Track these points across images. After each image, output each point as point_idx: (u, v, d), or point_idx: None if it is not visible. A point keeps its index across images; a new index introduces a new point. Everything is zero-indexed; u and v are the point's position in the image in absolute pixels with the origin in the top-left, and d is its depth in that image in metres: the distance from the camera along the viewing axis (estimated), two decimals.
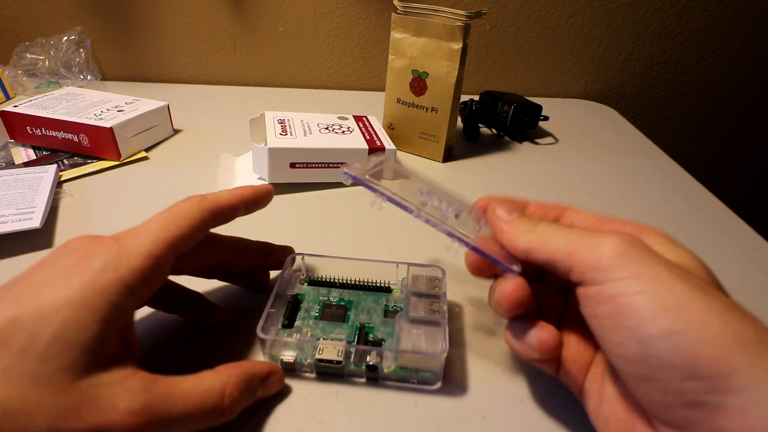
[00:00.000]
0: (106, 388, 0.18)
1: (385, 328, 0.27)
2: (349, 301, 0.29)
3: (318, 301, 0.29)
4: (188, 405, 0.20)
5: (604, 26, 0.72)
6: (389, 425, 0.23)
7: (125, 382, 0.19)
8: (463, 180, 0.49)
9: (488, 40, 0.72)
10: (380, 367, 0.25)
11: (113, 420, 0.18)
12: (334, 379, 0.26)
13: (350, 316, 0.28)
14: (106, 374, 0.18)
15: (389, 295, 0.30)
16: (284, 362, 0.25)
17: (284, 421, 0.23)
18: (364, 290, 0.30)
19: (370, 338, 0.27)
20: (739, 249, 0.39)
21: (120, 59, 0.73)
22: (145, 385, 0.19)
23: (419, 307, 0.27)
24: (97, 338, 0.18)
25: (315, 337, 0.27)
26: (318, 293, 0.30)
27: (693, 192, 0.49)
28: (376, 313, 0.28)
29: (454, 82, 0.48)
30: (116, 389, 0.18)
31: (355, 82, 0.76)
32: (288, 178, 0.44)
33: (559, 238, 0.20)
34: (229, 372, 0.22)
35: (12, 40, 0.69)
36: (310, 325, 0.27)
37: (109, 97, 0.53)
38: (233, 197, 0.25)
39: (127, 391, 0.18)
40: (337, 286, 0.30)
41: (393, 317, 0.28)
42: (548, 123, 0.63)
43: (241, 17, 0.70)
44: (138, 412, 0.18)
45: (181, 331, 0.28)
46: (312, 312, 0.28)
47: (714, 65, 0.76)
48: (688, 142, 0.83)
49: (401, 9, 0.48)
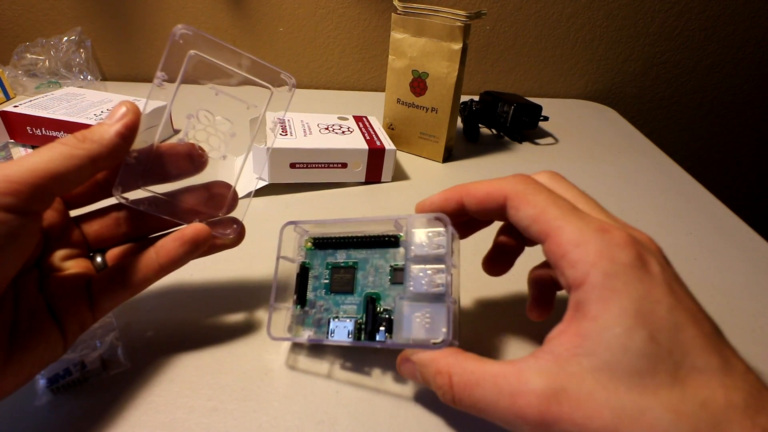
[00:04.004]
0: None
1: (394, 293, 0.26)
2: (356, 261, 0.28)
3: (326, 265, 0.28)
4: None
5: (604, 26, 0.72)
6: (389, 425, 0.23)
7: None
8: (463, 180, 0.49)
9: (488, 40, 0.72)
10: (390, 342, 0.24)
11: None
12: (351, 355, 0.27)
13: (359, 280, 0.27)
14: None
15: (397, 250, 0.27)
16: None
17: (284, 421, 0.23)
18: (370, 247, 0.28)
19: (379, 310, 0.26)
20: (739, 249, 0.39)
21: (120, 59, 0.73)
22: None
23: (420, 279, 0.24)
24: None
25: (327, 314, 0.27)
26: (325, 255, 0.29)
27: (693, 192, 0.49)
28: (384, 274, 0.27)
29: (454, 83, 0.48)
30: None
31: (355, 82, 0.76)
32: (288, 178, 0.44)
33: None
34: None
35: (12, 40, 0.69)
36: (321, 297, 0.27)
37: (109, 97, 0.53)
38: (106, 132, 0.21)
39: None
40: (343, 245, 0.29)
41: (401, 280, 0.26)
42: (548, 123, 0.63)
43: (241, 17, 0.70)
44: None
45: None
46: (322, 279, 0.28)
47: (714, 65, 0.76)
48: (688, 142, 0.83)
49: (401, 9, 0.48)
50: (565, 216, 0.20)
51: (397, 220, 0.27)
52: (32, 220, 0.19)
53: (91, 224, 0.25)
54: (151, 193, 0.24)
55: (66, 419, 0.23)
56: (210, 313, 0.30)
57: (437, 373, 0.21)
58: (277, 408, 0.24)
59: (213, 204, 0.25)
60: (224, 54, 0.23)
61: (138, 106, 0.22)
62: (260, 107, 0.25)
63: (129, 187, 0.23)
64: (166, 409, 0.23)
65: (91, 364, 0.24)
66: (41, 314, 0.21)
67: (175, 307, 0.30)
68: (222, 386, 0.25)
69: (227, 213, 0.26)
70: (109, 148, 0.21)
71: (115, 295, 0.23)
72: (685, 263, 0.37)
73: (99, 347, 0.25)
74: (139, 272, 0.23)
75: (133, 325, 0.28)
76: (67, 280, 0.22)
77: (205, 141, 0.25)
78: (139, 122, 0.22)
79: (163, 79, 0.23)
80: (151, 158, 0.24)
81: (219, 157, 0.25)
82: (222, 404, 0.24)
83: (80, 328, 0.22)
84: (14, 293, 0.20)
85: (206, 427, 0.23)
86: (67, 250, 0.23)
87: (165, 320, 0.29)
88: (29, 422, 0.23)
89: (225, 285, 0.32)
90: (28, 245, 0.20)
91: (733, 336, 0.30)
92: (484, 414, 0.20)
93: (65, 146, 0.20)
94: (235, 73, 0.24)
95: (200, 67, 0.23)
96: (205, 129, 0.25)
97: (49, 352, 0.21)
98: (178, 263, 0.24)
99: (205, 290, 0.31)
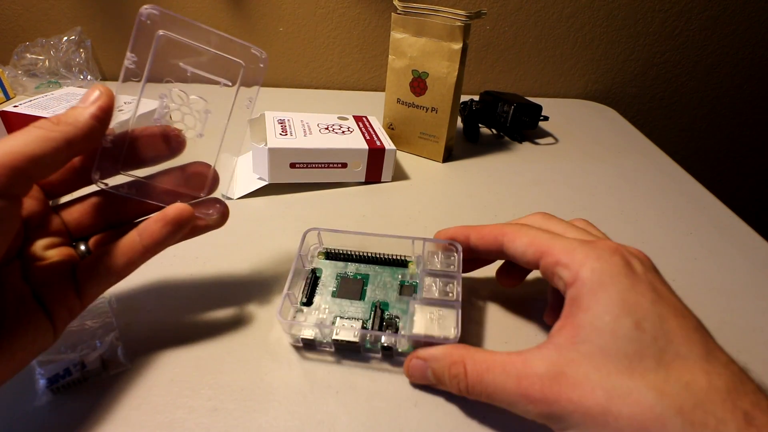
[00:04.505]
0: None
1: (400, 305, 0.28)
2: (366, 275, 0.30)
3: (336, 276, 0.30)
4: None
5: (604, 26, 0.72)
6: (389, 425, 0.23)
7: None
8: (463, 180, 0.49)
9: (488, 40, 0.72)
10: (395, 347, 0.26)
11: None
12: (352, 356, 0.27)
13: (367, 291, 0.29)
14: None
15: (405, 269, 0.30)
16: (305, 339, 0.26)
17: (284, 421, 0.23)
18: (380, 264, 0.31)
19: (386, 316, 0.27)
20: (739, 249, 0.39)
21: (120, 59, 0.72)
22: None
23: (433, 288, 0.27)
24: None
25: (333, 314, 0.27)
26: (335, 267, 0.30)
27: (693, 192, 0.49)
28: (392, 288, 0.29)
29: (454, 82, 0.48)
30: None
31: (355, 82, 0.76)
32: (288, 178, 0.44)
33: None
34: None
35: (12, 40, 0.69)
36: (328, 301, 0.28)
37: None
38: (80, 114, 0.21)
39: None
40: (354, 259, 0.31)
41: (408, 294, 0.29)
42: (548, 123, 0.63)
43: (241, 17, 0.70)
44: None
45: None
46: (330, 287, 0.29)
47: (714, 65, 0.76)
48: (688, 142, 0.83)
49: (401, 9, 0.48)
50: (554, 238, 0.24)
51: (415, 240, 0.30)
52: (12, 204, 0.19)
53: (71, 212, 0.24)
54: (131, 178, 0.24)
55: (66, 419, 0.23)
56: (210, 314, 0.30)
57: (452, 363, 0.23)
58: (277, 408, 0.24)
59: (194, 185, 0.25)
60: (193, 32, 0.23)
61: (111, 90, 0.22)
62: (233, 84, 0.25)
63: (108, 173, 0.23)
64: (166, 409, 0.23)
65: (91, 364, 0.24)
66: (28, 302, 0.21)
67: (176, 307, 0.30)
68: (222, 386, 0.25)
69: (209, 193, 0.26)
70: (84, 131, 0.21)
71: (102, 280, 0.23)
72: (685, 263, 0.37)
73: (99, 347, 0.25)
74: (124, 256, 0.23)
75: (133, 325, 0.28)
76: (51, 267, 0.22)
77: (180, 120, 0.25)
78: (113, 105, 0.22)
79: (133, 60, 0.22)
80: (127, 142, 0.23)
81: (196, 136, 0.25)
82: (222, 404, 0.24)
83: (69, 315, 0.22)
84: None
85: (206, 427, 0.23)
86: (48, 239, 0.23)
87: (165, 320, 0.29)
88: (29, 422, 0.23)
89: (225, 285, 0.32)
90: (9, 230, 0.19)
91: (733, 336, 0.30)
92: (494, 398, 0.22)
93: (41, 129, 0.20)
94: (205, 51, 0.24)
95: (170, 46, 0.23)
96: (179, 108, 0.25)
97: (40, 340, 0.21)
98: (162, 245, 0.24)
99: (206, 290, 0.31)
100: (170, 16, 0.23)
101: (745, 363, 0.28)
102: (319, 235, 0.31)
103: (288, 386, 0.25)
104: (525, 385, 0.20)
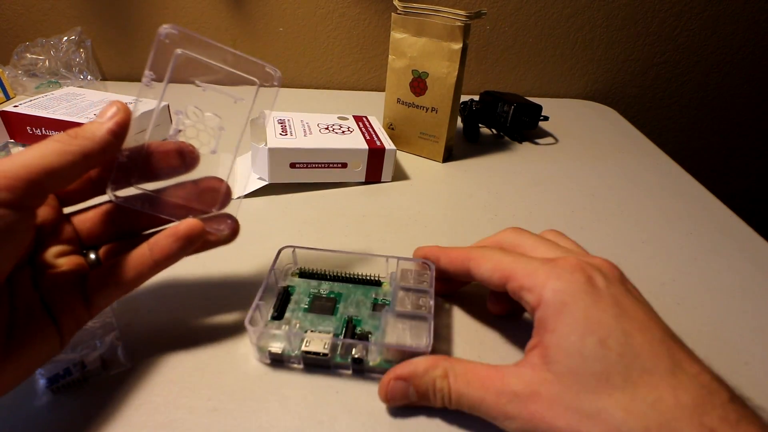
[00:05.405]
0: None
1: (372, 321, 0.28)
2: (339, 294, 0.29)
3: (308, 294, 0.29)
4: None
5: (604, 27, 0.72)
6: (389, 425, 0.23)
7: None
8: (463, 180, 0.49)
9: (488, 40, 0.72)
10: (365, 360, 0.25)
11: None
12: (321, 371, 0.26)
13: (339, 308, 0.28)
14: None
15: (379, 288, 0.30)
16: (272, 353, 0.26)
17: (284, 421, 0.23)
18: (354, 283, 0.30)
19: (358, 331, 0.27)
20: (739, 249, 0.39)
21: (120, 59, 0.73)
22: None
23: (406, 301, 0.27)
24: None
25: (303, 329, 0.27)
26: (309, 285, 0.30)
27: (693, 192, 0.49)
28: (365, 306, 0.29)
29: (454, 83, 0.48)
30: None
31: (355, 82, 0.76)
32: (288, 178, 0.44)
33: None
34: None
35: (12, 40, 0.69)
36: (299, 317, 0.28)
37: (109, 97, 0.53)
38: (98, 129, 0.21)
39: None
40: (328, 278, 0.31)
41: (381, 311, 0.28)
42: (548, 123, 0.63)
43: (241, 17, 0.70)
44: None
45: (173, 317, 0.28)
46: (302, 304, 0.29)
47: (714, 65, 0.76)
48: (688, 142, 0.83)
49: (401, 9, 0.48)
50: (517, 260, 0.24)
51: (389, 258, 0.30)
52: (27, 216, 0.19)
53: (83, 221, 0.25)
54: (143, 191, 0.24)
55: (66, 419, 0.23)
56: (210, 314, 0.30)
57: (438, 377, 0.23)
58: (277, 408, 0.24)
59: (206, 200, 0.25)
60: (210, 51, 0.24)
61: (128, 106, 0.22)
62: (248, 101, 0.25)
63: (121, 186, 0.24)
64: (166, 409, 0.23)
65: (91, 364, 0.24)
66: (37, 311, 0.21)
67: (176, 307, 0.30)
68: (222, 386, 0.25)
69: (221, 209, 0.26)
70: (101, 145, 0.21)
71: (110, 291, 0.23)
72: (685, 263, 0.37)
73: (99, 347, 0.25)
74: (134, 269, 0.23)
75: (133, 325, 0.28)
76: (61, 276, 0.22)
77: (195, 137, 0.25)
78: (129, 120, 0.22)
79: (151, 78, 0.23)
80: (142, 156, 0.24)
81: (209, 152, 0.25)
82: (222, 404, 0.24)
83: (76, 324, 0.22)
84: (9, 290, 0.20)
85: (206, 427, 0.23)
86: (60, 247, 0.23)
87: (165, 320, 0.29)
88: (29, 422, 0.23)
89: (225, 285, 0.32)
90: (23, 241, 0.20)
91: (733, 336, 0.30)
92: (476, 410, 0.22)
93: (58, 143, 0.20)
94: (221, 69, 0.24)
95: (187, 64, 0.23)
96: (194, 125, 0.25)
97: (47, 349, 0.21)
98: (172, 259, 0.24)
99: (206, 290, 0.31)
100: (188, 36, 0.23)
101: (744, 363, 0.28)
102: (294, 252, 0.31)
103: (288, 386, 0.25)
104: (503, 402, 0.21)
